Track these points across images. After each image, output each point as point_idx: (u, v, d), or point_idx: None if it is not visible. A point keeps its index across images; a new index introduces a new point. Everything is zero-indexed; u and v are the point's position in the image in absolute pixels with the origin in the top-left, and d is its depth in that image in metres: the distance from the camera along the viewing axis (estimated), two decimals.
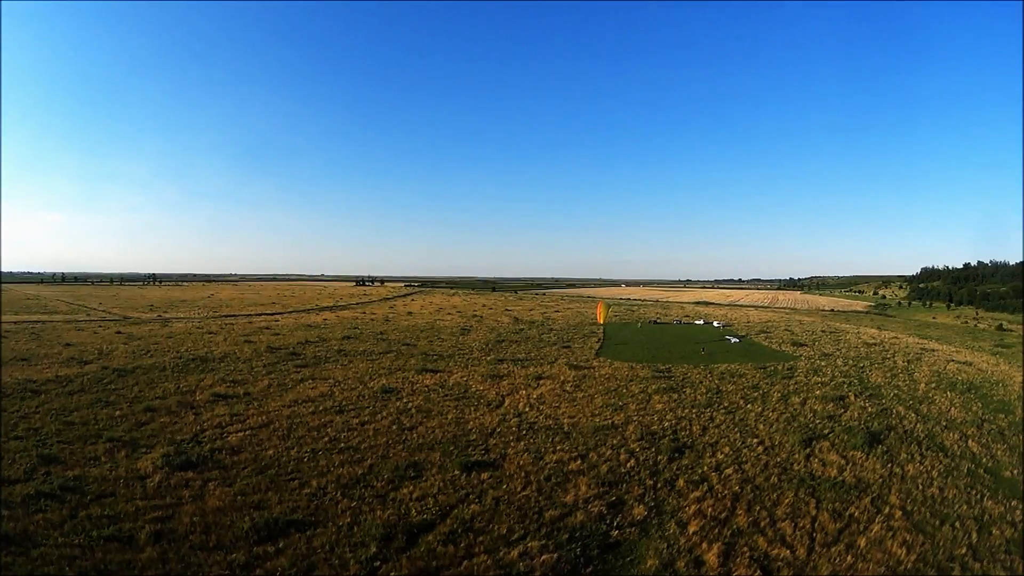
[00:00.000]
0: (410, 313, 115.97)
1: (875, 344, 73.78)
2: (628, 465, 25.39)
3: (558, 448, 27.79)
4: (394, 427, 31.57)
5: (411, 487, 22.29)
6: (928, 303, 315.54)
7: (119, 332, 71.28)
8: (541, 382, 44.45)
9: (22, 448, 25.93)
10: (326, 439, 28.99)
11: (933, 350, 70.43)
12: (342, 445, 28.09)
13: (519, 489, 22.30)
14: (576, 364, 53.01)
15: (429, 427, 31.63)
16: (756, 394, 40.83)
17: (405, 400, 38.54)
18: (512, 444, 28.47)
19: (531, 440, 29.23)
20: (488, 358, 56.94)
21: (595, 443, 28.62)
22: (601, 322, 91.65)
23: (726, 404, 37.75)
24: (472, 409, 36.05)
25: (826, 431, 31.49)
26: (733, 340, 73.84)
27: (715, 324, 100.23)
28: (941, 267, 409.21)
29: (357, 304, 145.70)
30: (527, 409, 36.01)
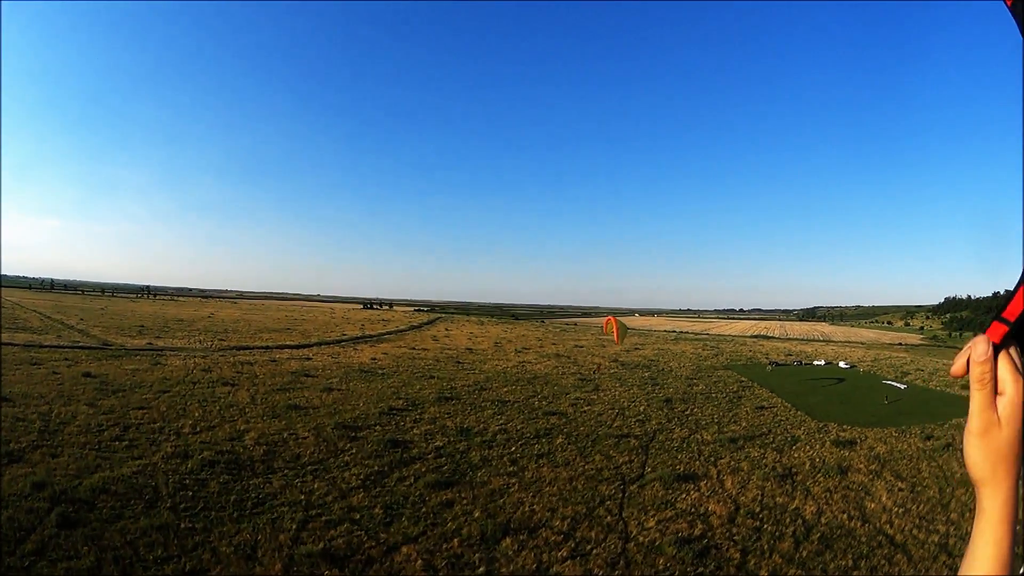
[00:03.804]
0: (469, 350, 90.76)
1: None
2: None
3: None
4: None
5: None
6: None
7: (88, 375, 45.79)
8: (853, 480, 29.16)
9: None
10: None
11: None
12: None
13: None
14: (839, 440, 37.10)
15: None
16: None
17: None
18: None
19: None
20: (703, 435, 37.41)
21: None
22: (618, 345, 77.46)
23: None
24: None
25: None
26: (901, 387, 61.67)
27: (841, 364, 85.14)
28: (964, 296, 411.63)
29: (387, 333, 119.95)
30: None
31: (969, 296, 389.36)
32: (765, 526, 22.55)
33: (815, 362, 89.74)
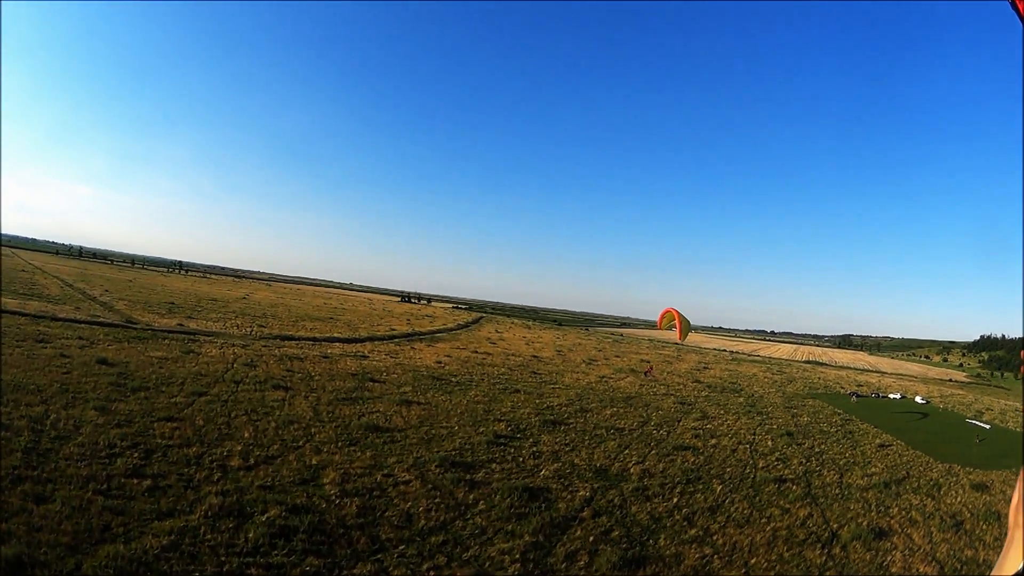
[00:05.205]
0: (536, 358, 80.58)
1: None
2: None
3: None
4: None
5: None
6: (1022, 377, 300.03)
7: (104, 362, 36.56)
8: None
9: None
10: None
11: None
12: None
13: None
14: (974, 484, 33.44)
15: None
16: None
17: None
18: None
19: None
20: (853, 480, 31.24)
21: None
22: (680, 340, 70.50)
23: None
24: None
25: None
26: (986, 427, 59.11)
27: (918, 399, 79.90)
28: (999, 335, 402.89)
29: (439, 331, 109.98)
30: None
31: (1003, 336, 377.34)
32: None
33: (890, 395, 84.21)
